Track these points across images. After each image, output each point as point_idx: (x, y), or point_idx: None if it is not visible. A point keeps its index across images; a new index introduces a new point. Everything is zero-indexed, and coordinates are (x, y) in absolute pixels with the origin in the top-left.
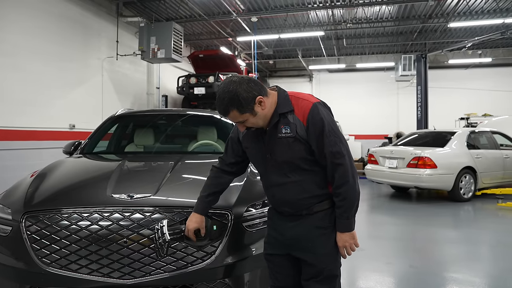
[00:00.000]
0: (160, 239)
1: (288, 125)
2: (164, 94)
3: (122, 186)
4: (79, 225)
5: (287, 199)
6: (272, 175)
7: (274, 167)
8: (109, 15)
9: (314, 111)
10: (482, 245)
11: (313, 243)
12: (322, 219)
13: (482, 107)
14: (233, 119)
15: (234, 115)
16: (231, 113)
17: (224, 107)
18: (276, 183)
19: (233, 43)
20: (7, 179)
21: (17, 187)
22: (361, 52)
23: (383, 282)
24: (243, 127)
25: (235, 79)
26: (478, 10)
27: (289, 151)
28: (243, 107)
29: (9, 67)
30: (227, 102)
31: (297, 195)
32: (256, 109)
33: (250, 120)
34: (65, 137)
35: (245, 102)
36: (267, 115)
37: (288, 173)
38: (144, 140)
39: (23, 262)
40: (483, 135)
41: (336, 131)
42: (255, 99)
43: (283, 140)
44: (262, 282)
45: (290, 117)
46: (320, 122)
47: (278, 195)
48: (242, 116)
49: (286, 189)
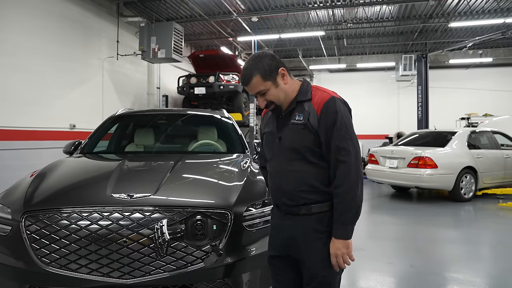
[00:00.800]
0: (160, 239)
1: (302, 113)
2: (164, 94)
3: (122, 186)
4: (78, 225)
5: (286, 188)
6: (277, 161)
7: (280, 153)
8: (110, 15)
9: (330, 103)
10: (483, 245)
11: (309, 246)
12: (320, 221)
13: (482, 107)
14: (255, 87)
15: (257, 81)
16: (254, 79)
17: (248, 73)
18: (279, 170)
19: (233, 43)
20: (7, 179)
21: (16, 187)
22: (361, 52)
23: (384, 282)
24: (263, 101)
25: (261, 52)
26: (479, 10)
27: (297, 138)
28: (266, 74)
29: (9, 67)
30: (251, 67)
31: (296, 186)
32: (278, 80)
33: (272, 91)
34: (66, 137)
35: (268, 69)
36: (289, 93)
37: (292, 161)
38: (144, 140)
39: (23, 261)
40: (484, 135)
41: (348, 128)
42: (278, 69)
43: (294, 126)
44: (262, 282)
45: (306, 105)
46: (334, 114)
47: (278, 182)
48: (264, 84)
49: (287, 177)
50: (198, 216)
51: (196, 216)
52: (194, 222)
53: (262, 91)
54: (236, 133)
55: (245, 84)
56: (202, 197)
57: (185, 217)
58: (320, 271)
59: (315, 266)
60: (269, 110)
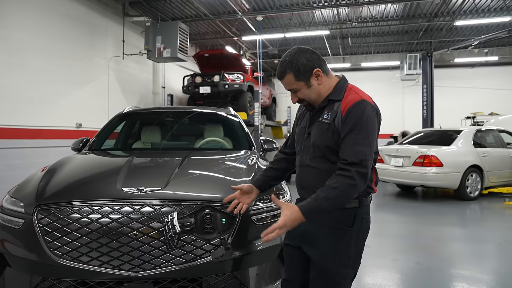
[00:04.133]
0: (171, 231)
1: (330, 112)
2: (169, 93)
3: (131, 180)
4: (89, 218)
5: (305, 182)
6: (302, 156)
7: (305, 148)
8: (115, 14)
9: (359, 105)
10: (489, 243)
11: (321, 241)
12: (336, 219)
13: (488, 106)
14: (287, 84)
15: (289, 80)
16: (286, 76)
17: (282, 70)
18: (302, 164)
19: (238, 43)
20: (14, 177)
21: (28, 181)
22: (366, 51)
23: (390, 278)
24: (295, 97)
25: (301, 47)
26: (485, 8)
27: (321, 136)
28: (300, 74)
29: (15, 66)
30: (286, 64)
31: (314, 182)
32: (311, 81)
33: (303, 90)
34: (72, 135)
35: (302, 69)
36: (322, 93)
37: (314, 158)
38: (151, 137)
39: (36, 254)
40: (490, 133)
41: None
42: (313, 70)
43: (320, 124)
44: (270, 275)
45: (336, 105)
46: (358, 117)
47: (300, 176)
48: (296, 84)
49: (307, 172)
50: (207, 210)
51: (205, 210)
52: (203, 216)
53: (294, 90)
54: (243, 130)
55: (279, 78)
56: (211, 192)
57: (195, 211)
58: (329, 268)
59: (325, 262)
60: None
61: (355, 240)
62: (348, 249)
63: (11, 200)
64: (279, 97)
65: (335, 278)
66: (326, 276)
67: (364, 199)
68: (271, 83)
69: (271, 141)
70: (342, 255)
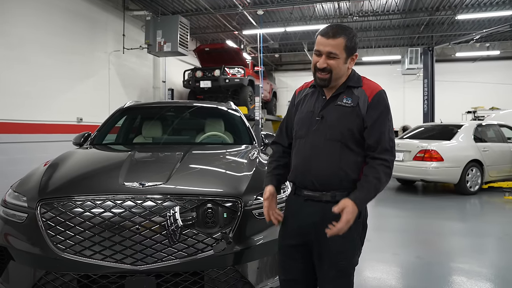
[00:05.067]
0: (173, 225)
1: (350, 97)
2: (170, 87)
3: (133, 175)
4: (92, 212)
5: (317, 169)
6: (313, 138)
7: (318, 131)
8: (116, 8)
9: (383, 95)
10: (489, 237)
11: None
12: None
13: (489, 100)
14: (333, 45)
15: (339, 43)
16: (339, 38)
17: (337, 30)
18: (314, 147)
19: (239, 37)
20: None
21: (31, 176)
22: (367, 45)
23: (390, 272)
24: (324, 63)
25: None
26: (487, 2)
27: (341, 119)
28: (351, 44)
29: (15, 61)
30: (345, 29)
31: (328, 165)
32: (349, 59)
33: (340, 62)
34: (73, 130)
35: (354, 42)
36: (342, 76)
37: (330, 140)
38: (153, 132)
39: (39, 247)
40: (491, 128)
41: (391, 124)
42: (355, 53)
43: (341, 108)
44: (272, 269)
45: (356, 91)
46: (384, 106)
47: (309, 159)
48: (341, 51)
49: (320, 155)
50: (209, 204)
51: (207, 204)
52: (205, 210)
53: (334, 54)
54: (244, 125)
55: (328, 36)
56: (213, 186)
57: (196, 205)
58: (341, 262)
59: (336, 256)
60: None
61: (361, 230)
62: (356, 240)
63: (14, 194)
64: (280, 91)
65: (348, 269)
66: (341, 268)
67: None
68: (271, 77)
69: (272, 135)
70: (353, 247)
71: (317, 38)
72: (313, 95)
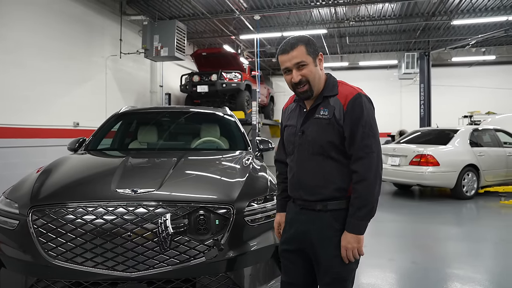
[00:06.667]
0: (164, 232)
1: (326, 108)
2: (167, 92)
3: (126, 181)
4: (84, 219)
5: (305, 182)
6: (298, 155)
7: (301, 147)
8: (113, 13)
9: (357, 99)
10: (484, 242)
11: (323, 243)
12: (336, 219)
13: (485, 105)
14: (296, 56)
15: (300, 52)
16: (298, 47)
17: (293, 41)
18: (300, 162)
19: (236, 41)
20: (11, 176)
21: (23, 182)
22: (364, 50)
23: (385, 278)
24: (298, 75)
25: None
26: (482, 8)
27: (320, 132)
28: (311, 48)
29: (12, 65)
30: (297, 38)
31: (315, 180)
32: (317, 61)
33: (311, 67)
34: (69, 135)
35: (313, 44)
36: (319, 80)
37: (313, 155)
38: (148, 137)
39: (30, 255)
40: (486, 133)
41: (373, 126)
42: (319, 53)
43: (318, 121)
44: (264, 276)
45: (332, 100)
46: (360, 111)
47: (297, 176)
48: (306, 57)
49: (307, 171)
50: (201, 211)
51: (199, 211)
52: (197, 217)
53: (302, 63)
54: (239, 130)
55: (288, 51)
56: (205, 193)
57: (188, 212)
58: (334, 268)
59: (330, 263)
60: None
61: None
62: None
63: (5, 201)
64: (277, 95)
65: (343, 276)
66: (335, 275)
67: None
68: (269, 82)
69: (267, 141)
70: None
71: (279, 59)
72: (295, 109)
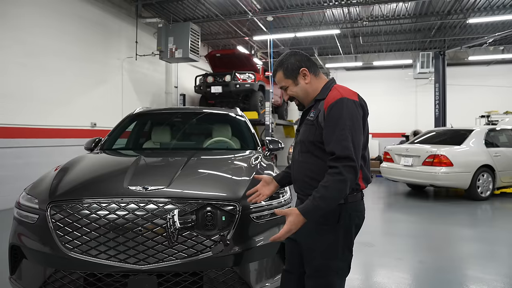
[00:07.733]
0: (172, 227)
1: (315, 110)
2: (182, 93)
3: (137, 179)
4: (98, 214)
5: (295, 176)
6: (294, 152)
7: (297, 145)
8: (129, 16)
9: (338, 103)
10: (499, 244)
11: (309, 235)
12: (323, 215)
13: (503, 105)
14: (278, 81)
15: (279, 77)
16: (277, 74)
17: (274, 68)
18: (294, 159)
19: (249, 42)
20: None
21: (43, 179)
22: (378, 50)
23: (391, 277)
24: (286, 95)
25: (294, 50)
26: (500, 5)
27: (307, 132)
28: (288, 72)
29: (36, 69)
30: (277, 63)
31: (303, 175)
32: (299, 79)
33: (291, 88)
34: (87, 135)
35: (290, 67)
36: (309, 92)
37: (301, 153)
38: (161, 137)
39: (49, 247)
40: (503, 133)
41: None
42: (300, 69)
43: (307, 122)
44: (269, 271)
45: (320, 104)
46: (336, 115)
47: (293, 170)
48: (284, 81)
49: (297, 166)
50: (208, 208)
51: (206, 207)
52: (204, 213)
53: (284, 87)
54: (249, 130)
55: (274, 76)
56: (212, 190)
57: (196, 208)
58: (317, 262)
59: (314, 256)
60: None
61: (343, 235)
62: (335, 243)
63: (27, 197)
64: None
65: (323, 271)
66: (316, 268)
67: (350, 196)
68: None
69: (277, 141)
70: (329, 249)
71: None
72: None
